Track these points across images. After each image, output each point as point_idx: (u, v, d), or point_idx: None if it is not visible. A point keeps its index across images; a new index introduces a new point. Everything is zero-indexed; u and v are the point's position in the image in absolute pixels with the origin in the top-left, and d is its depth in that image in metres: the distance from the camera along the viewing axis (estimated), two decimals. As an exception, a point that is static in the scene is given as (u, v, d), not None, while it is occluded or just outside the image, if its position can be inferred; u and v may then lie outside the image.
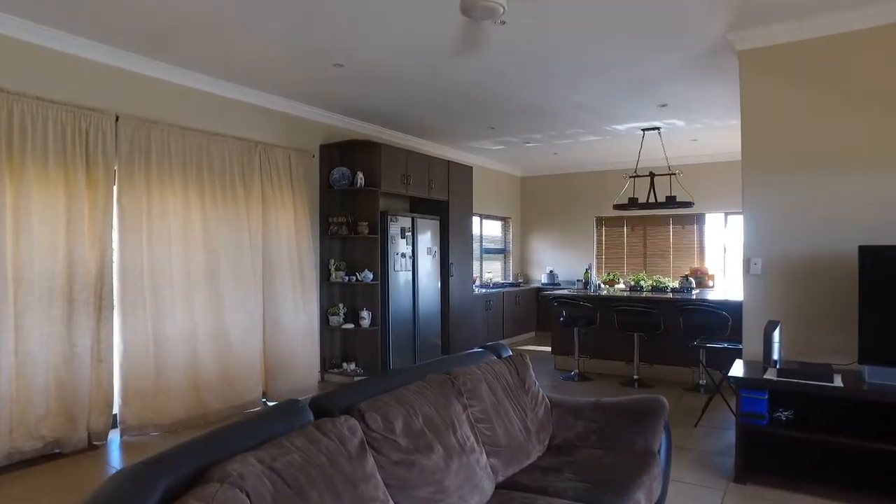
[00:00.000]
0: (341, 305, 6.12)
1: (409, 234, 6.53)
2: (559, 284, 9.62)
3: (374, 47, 4.28)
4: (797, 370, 3.42)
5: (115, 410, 4.14)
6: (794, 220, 3.88)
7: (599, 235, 9.75)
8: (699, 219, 8.86)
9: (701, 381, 5.71)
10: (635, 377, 5.99)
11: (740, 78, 4.08)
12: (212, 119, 4.92)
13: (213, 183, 4.77)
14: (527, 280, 10.19)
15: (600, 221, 9.72)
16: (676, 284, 7.70)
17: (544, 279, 9.81)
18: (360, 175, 6.00)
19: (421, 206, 7.02)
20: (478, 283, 8.87)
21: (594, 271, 7.29)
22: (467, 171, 7.72)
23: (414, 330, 6.59)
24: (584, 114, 6.24)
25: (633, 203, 6.97)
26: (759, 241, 4.00)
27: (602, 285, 7.38)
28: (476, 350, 3.23)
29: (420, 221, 6.71)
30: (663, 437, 2.80)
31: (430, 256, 6.88)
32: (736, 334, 5.56)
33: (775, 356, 3.62)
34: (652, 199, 6.93)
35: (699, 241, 8.88)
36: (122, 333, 4.12)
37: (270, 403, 5.20)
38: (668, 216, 9.01)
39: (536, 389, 3.00)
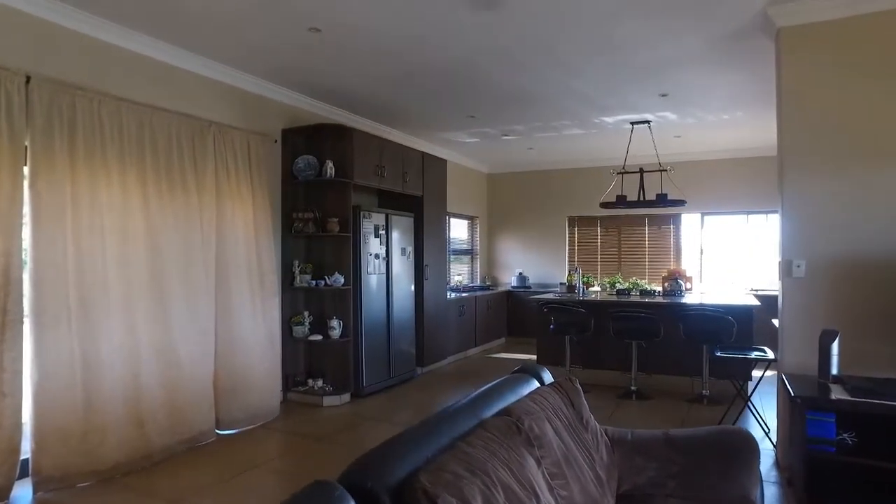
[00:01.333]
0: (307, 314, 5.32)
1: (383, 232, 5.81)
2: (530, 287, 9.12)
3: (361, 2, 3.56)
4: (872, 388, 2.97)
5: (27, 456, 3.21)
6: (842, 218, 3.46)
7: (572, 236, 9.32)
8: (675, 220, 8.57)
9: (705, 392, 5.29)
10: (633, 388, 5.51)
11: (779, 59, 3.64)
12: (157, 90, 4.04)
13: (158, 168, 3.89)
14: (495, 283, 9.63)
15: (573, 221, 9.29)
16: (655, 287, 7.36)
17: (514, 282, 9.29)
18: (329, 164, 5.23)
19: (392, 202, 6.30)
20: (449, 286, 8.22)
21: (580, 274, 6.79)
22: (441, 164, 7.07)
23: (388, 339, 5.87)
24: (576, 103, 5.72)
25: (621, 201, 6.53)
26: (801, 241, 3.56)
27: (589, 289, 6.89)
28: (514, 374, 2.60)
29: (394, 218, 6.00)
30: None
31: (404, 257, 6.17)
32: (742, 340, 5.20)
33: (834, 370, 3.17)
34: (643, 197, 6.49)
35: (675, 242, 8.59)
36: (36, 356, 3.19)
37: (225, 433, 4.36)
38: (644, 216, 8.69)
39: (594, 423, 2.39)
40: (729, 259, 8.30)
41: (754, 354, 4.15)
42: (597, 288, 7.47)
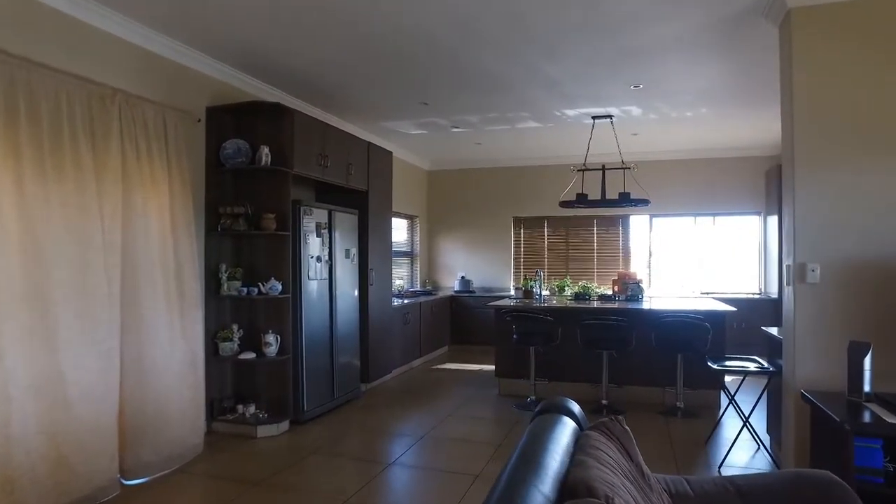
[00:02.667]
0: (236, 327, 4.47)
1: (326, 231, 5.04)
2: (474, 292, 8.60)
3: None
4: (923, 409, 2.62)
5: None
6: (861, 218, 3.14)
7: (518, 238, 8.89)
8: (624, 221, 8.35)
9: (679, 404, 4.95)
10: (604, 402, 5.08)
11: (788, 45, 3.28)
12: (42, 43, 3.09)
13: (40, 142, 2.95)
14: (435, 286, 9.03)
15: (519, 222, 8.86)
16: (606, 290, 7.06)
17: (457, 286, 8.73)
18: (264, 151, 4.41)
19: (333, 196, 5.53)
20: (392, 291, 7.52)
21: (541, 278, 6.31)
22: (387, 156, 6.37)
23: (331, 355, 5.10)
24: (542, 91, 5.23)
25: (581, 199, 6.12)
26: (816, 244, 3.21)
27: (547, 294, 6.43)
28: (543, 414, 2.00)
29: (338, 216, 5.24)
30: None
31: (347, 260, 5.43)
32: (716, 348, 4.91)
33: (867, 387, 2.82)
34: (604, 196, 6.12)
35: (624, 244, 8.37)
36: None
37: (133, 483, 3.45)
38: (592, 218, 8.41)
39: (653, 477, 1.83)
40: (677, 262, 8.17)
41: (753, 367, 3.78)
42: (546, 292, 7.05)
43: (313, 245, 4.83)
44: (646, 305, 5.51)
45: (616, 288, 7.99)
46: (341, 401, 5.24)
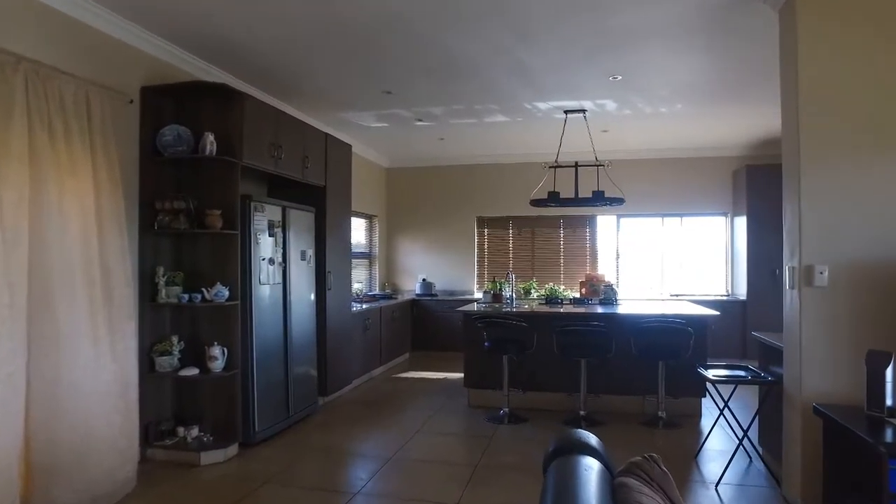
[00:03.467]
0: (176, 339, 3.91)
1: (280, 230, 4.53)
2: (436, 295, 8.21)
3: None
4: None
5: None
6: (875, 216, 2.92)
7: (481, 238, 8.55)
8: (591, 222, 8.13)
9: (661, 414, 4.68)
10: (582, 413, 4.77)
11: (793, 29, 3.03)
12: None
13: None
14: (395, 290, 8.58)
15: (482, 222, 8.52)
16: (574, 293, 6.82)
17: (418, 289, 8.31)
18: (209, 138, 3.88)
19: (287, 192, 5.01)
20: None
21: (512, 281, 5.97)
22: (346, 150, 5.89)
23: (286, 367, 4.59)
24: (515, 80, 4.88)
25: (554, 198, 5.81)
26: (824, 244, 2.97)
27: (515, 299, 6.08)
28: (560, 456, 1.61)
29: (293, 213, 4.74)
30: None
31: (304, 262, 4.93)
32: (698, 354, 4.68)
33: (889, 401, 2.57)
34: (577, 194, 5.84)
35: (591, 245, 8.15)
36: None
37: (47, 528, 2.87)
38: (559, 218, 8.15)
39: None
40: (645, 263, 8.00)
41: (766, 377, 3.52)
42: (507, 293, 6.71)
43: (265, 245, 4.32)
44: (622, 310, 5.24)
45: (584, 290, 7.75)
46: (297, 418, 4.74)
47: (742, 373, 3.63)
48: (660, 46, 4.11)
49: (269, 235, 4.38)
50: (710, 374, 3.59)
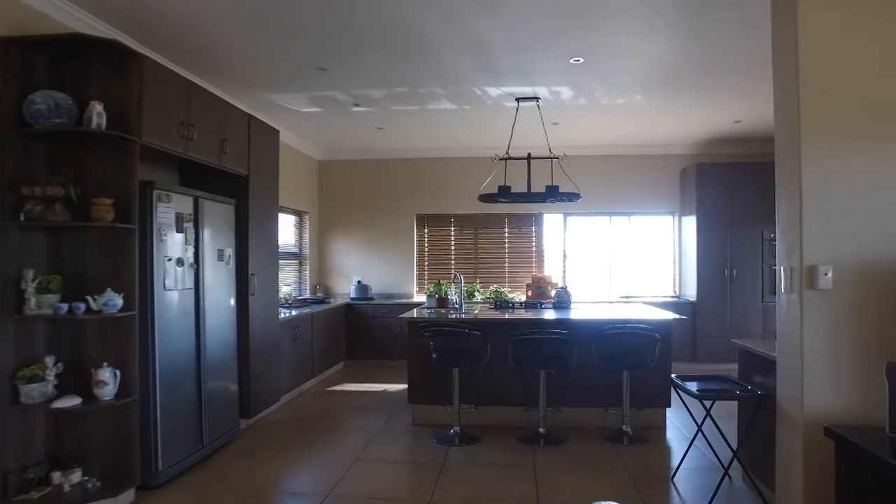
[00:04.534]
0: (51, 361, 3.09)
1: (191, 225, 3.79)
2: (373, 299, 7.58)
3: None
4: None
5: None
6: (885, 209, 2.60)
7: (421, 237, 7.99)
8: (537, 220, 7.75)
9: (625, 428, 4.30)
10: (541, 431, 4.30)
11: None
12: None
13: None
14: (328, 293, 7.88)
15: (422, 220, 7.96)
16: (521, 296, 6.43)
17: (353, 292, 7.65)
18: (96, 109, 3.10)
19: (202, 181, 4.23)
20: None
21: (461, 283, 5.44)
22: (274, 136, 5.18)
23: (199, 387, 3.85)
24: (469, 59, 4.36)
25: (504, 193, 5.34)
26: (828, 242, 2.62)
27: (462, 303, 5.57)
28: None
29: (208, 205, 4.00)
30: None
31: (222, 263, 4.19)
32: (663, 363, 4.34)
33: (915, 423, 2.24)
34: (530, 188, 5.40)
35: (537, 245, 7.77)
36: None
37: None
38: (504, 216, 7.73)
39: None
40: (592, 264, 7.71)
41: (738, 391, 3.16)
42: (454, 297, 6.19)
43: (173, 243, 3.57)
44: (580, 314, 4.84)
45: (530, 293, 7.39)
46: (214, 447, 4.00)
47: (725, 385, 3.27)
48: (627, 24, 3.72)
49: (178, 231, 3.63)
50: (693, 387, 3.20)
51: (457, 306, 5.27)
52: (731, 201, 6.73)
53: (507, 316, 4.83)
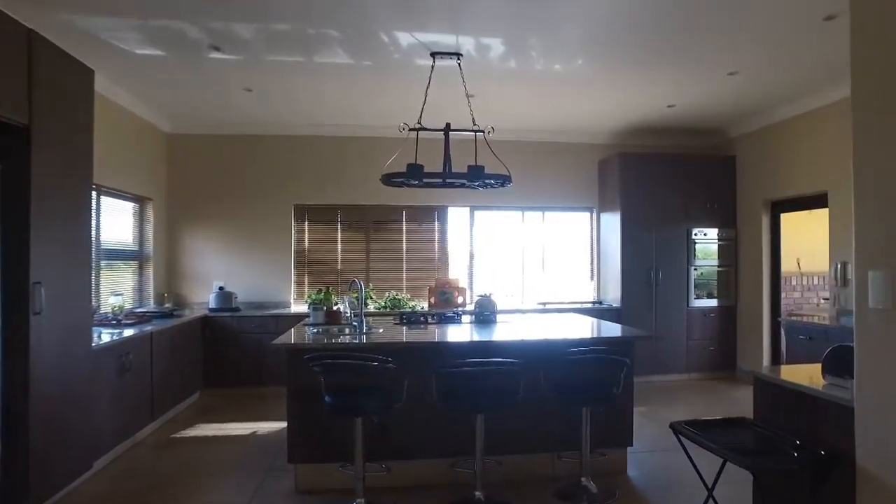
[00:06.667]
0: None
1: None
2: (239, 309, 6.00)
3: None
4: None
5: None
6: None
7: (301, 233, 6.52)
8: (441, 214, 6.63)
9: (585, 481, 3.27)
10: (478, 495, 3.13)
11: None
12: None
13: None
14: (180, 303, 6.15)
15: (302, 212, 6.51)
16: (423, 303, 5.28)
17: (213, 301, 6.02)
18: None
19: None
20: (98, 315, 4.53)
21: (362, 291, 4.10)
22: (85, 77, 3.52)
23: None
24: (379, -21, 3.10)
25: (415, 173, 4.09)
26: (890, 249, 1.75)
27: (349, 313, 4.24)
28: None
29: (-62, 166, 2.34)
30: None
31: (-27, 266, 2.53)
32: (626, 392, 3.38)
33: None
34: (449, 168, 4.22)
35: (441, 243, 6.64)
36: None
37: None
38: (402, 209, 6.53)
39: None
40: (502, 266, 6.74)
41: (794, 453, 2.19)
42: (340, 306, 4.85)
43: None
44: (516, 333, 3.74)
45: (433, 300, 6.33)
46: (-56, 580, 2.35)
47: (747, 434, 2.31)
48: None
49: None
50: (715, 440, 2.20)
51: (355, 324, 3.94)
52: (656, 197, 6.09)
53: (427, 339, 3.61)
